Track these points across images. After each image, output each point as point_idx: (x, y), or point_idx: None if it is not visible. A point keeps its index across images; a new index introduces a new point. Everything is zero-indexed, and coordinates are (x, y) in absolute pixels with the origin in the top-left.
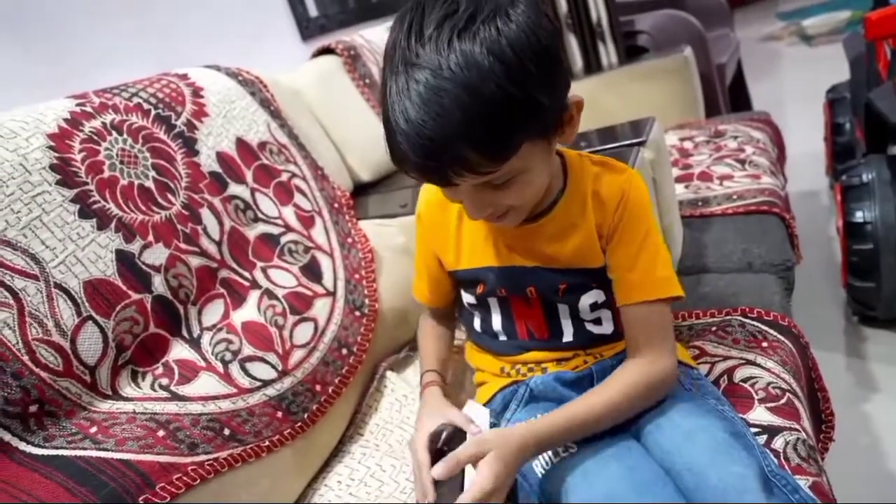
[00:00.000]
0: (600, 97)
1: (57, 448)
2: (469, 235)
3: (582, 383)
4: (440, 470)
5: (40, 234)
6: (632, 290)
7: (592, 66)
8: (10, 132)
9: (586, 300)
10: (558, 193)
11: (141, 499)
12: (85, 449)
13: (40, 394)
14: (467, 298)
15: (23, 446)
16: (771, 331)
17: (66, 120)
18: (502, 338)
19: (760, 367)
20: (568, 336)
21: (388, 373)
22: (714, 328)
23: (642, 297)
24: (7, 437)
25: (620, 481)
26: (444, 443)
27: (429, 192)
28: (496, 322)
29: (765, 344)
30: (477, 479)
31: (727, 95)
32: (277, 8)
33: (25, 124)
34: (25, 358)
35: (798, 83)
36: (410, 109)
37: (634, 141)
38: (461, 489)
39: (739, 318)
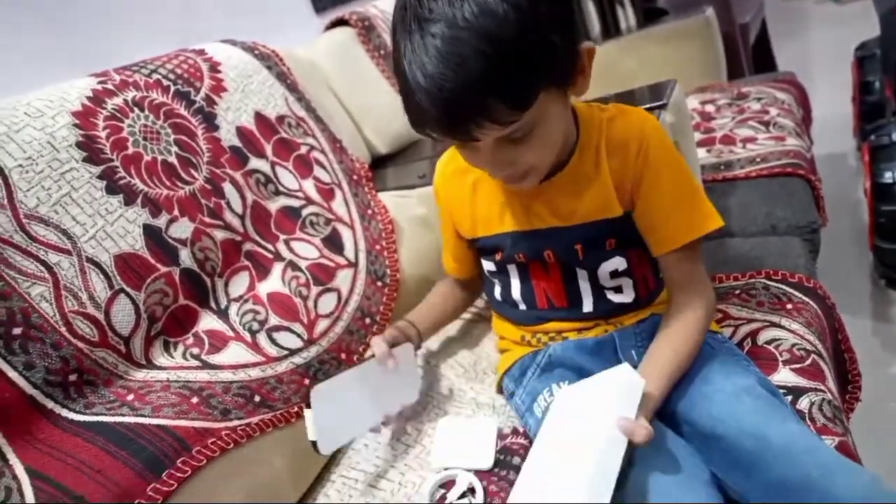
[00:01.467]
0: (619, 62)
1: (97, 415)
2: (483, 204)
3: (603, 350)
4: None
5: (70, 209)
6: (672, 237)
7: (610, 29)
8: (36, 111)
9: (606, 267)
10: (571, 149)
11: (179, 461)
12: (123, 415)
13: (79, 363)
14: (487, 266)
15: (65, 413)
16: (796, 293)
17: (88, 98)
18: (522, 307)
19: (785, 329)
20: (588, 306)
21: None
22: (738, 291)
23: (683, 241)
24: (50, 404)
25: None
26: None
27: (443, 165)
28: (515, 290)
29: (789, 306)
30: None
31: (751, 56)
32: None
33: (50, 102)
34: (63, 329)
35: (825, 42)
36: (428, 64)
37: (655, 104)
38: None
39: (763, 280)
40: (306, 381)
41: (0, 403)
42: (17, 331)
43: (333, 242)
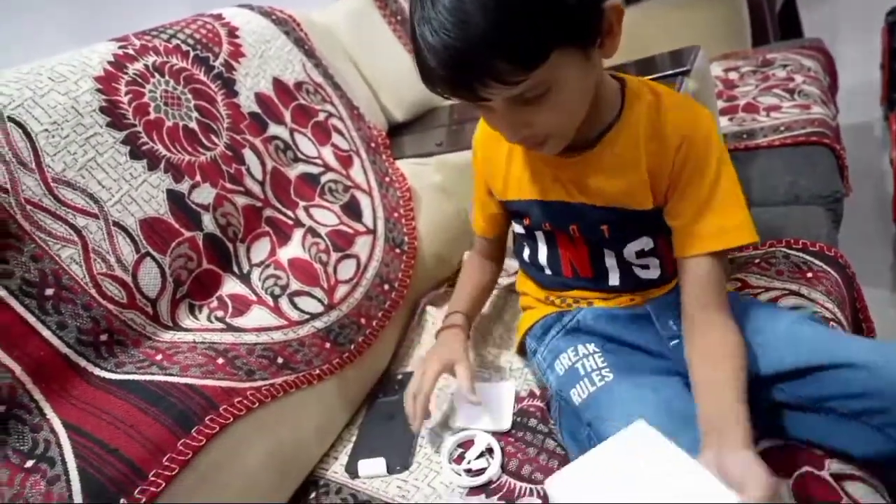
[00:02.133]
0: (640, 29)
1: (128, 373)
2: (517, 168)
3: (638, 322)
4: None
5: (96, 174)
6: (699, 241)
7: None
8: (60, 76)
9: (632, 247)
10: (612, 121)
11: (207, 419)
12: (153, 374)
13: (108, 324)
14: (517, 228)
15: (98, 371)
16: (816, 261)
17: (110, 63)
18: (548, 272)
19: (804, 298)
20: (614, 280)
21: (429, 308)
22: (757, 260)
23: (710, 247)
24: (83, 362)
25: (657, 410)
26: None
27: (484, 123)
28: (542, 255)
29: (809, 275)
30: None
31: (776, 22)
32: None
33: (73, 67)
34: (93, 291)
35: (854, 7)
36: (435, 21)
37: (678, 70)
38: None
39: (784, 249)
40: (327, 345)
41: (37, 361)
42: (49, 292)
43: (352, 209)
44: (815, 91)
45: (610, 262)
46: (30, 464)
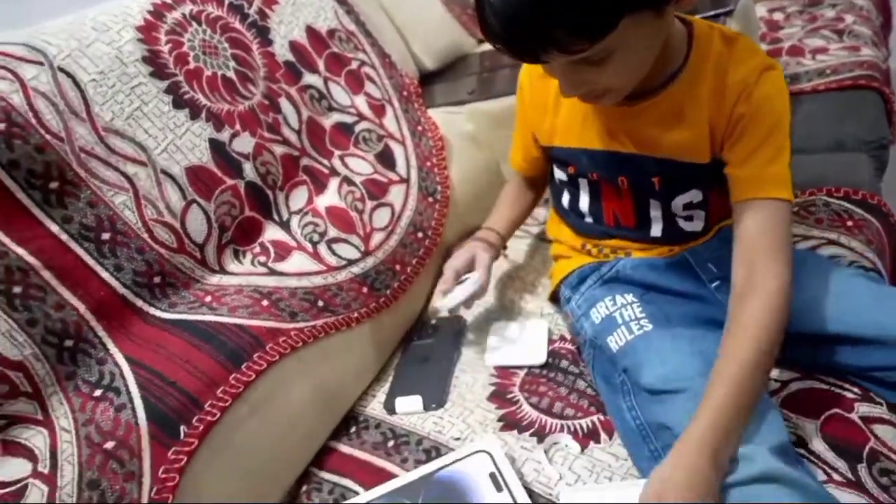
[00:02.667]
0: None
1: (180, 313)
2: (566, 113)
3: (677, 269)
4: None
5: (142, 123)
6: (762, 184)
7: None
8: (103, 25)
9: (681, 200)
10: (676, 70)
11: (255, 356)
12: (203, 314)
13: (161, 267)
14: (559, 175)
15: (153, 311)
16: (857, 209)
17: (149, 12)
18: (588, 219)
19: (843, 247)
20: (656, 231)
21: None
22: (796, 209)
23: (762, 193)
24: (139, 303)
25: (693, 360)
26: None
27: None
28: (584, 203)
29: (850, 223)
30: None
31: None
32: None
33: (115, 17)
34: (145, 236)
35: None
36: None
37: (720, 11)
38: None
39: (824, 197)
40: (364, 290)
41: (98, 301)
42: (105, 236)
43: (386, 159)
44: (866, 31)
45: (655, 213)
46: (98, 393)
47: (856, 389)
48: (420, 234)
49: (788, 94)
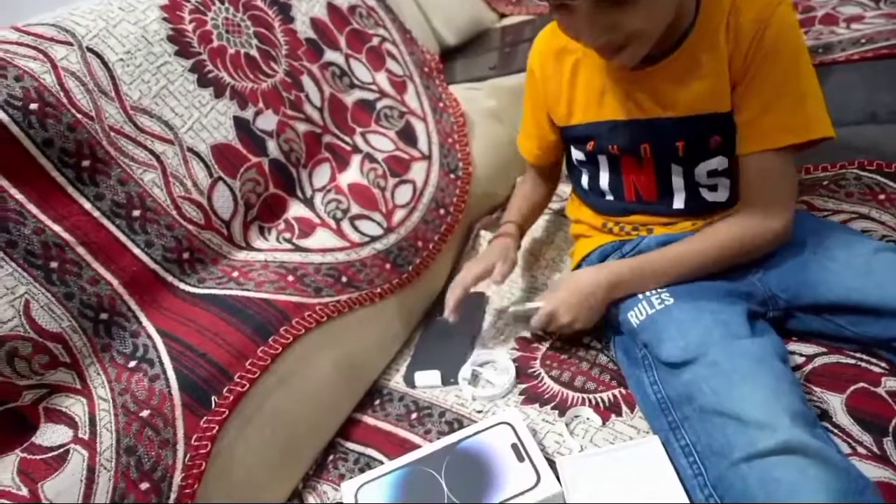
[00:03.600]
0: None
1: (209, 288)
2: (583, 89)
3: None
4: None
5: (169, 102)
6: (766, 134)
7: None
8: (129, 5)
9: (705, 166)
10: (687, 28)
11: (282, 329)
12: (231, 289)
13: (189, 243)
14: (577, 155)
15: (182, 286)
16: (890, 183)
17: None
18: (609, 197)
19: (874, 221)
20: (679, 202)
21: (483, 232)
22: (826, 182)
23: (778, 141)
24: (170, 277)
25: (714, 330)
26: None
27: (542, 43)
28: (604, 180)
29: (882, 196)
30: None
31: None
32: None
33: None
34: (174, 213)
35: None
36: None
37: None
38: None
39: (855, 170)
40: (387, 266)
41: (130, 275)
42: (136, 213)
43: (407, 135)
44: None
45: (677, 183)
46: (132, 364)
47: (883, 364)
48: (442, 211)
49: (799, 28)
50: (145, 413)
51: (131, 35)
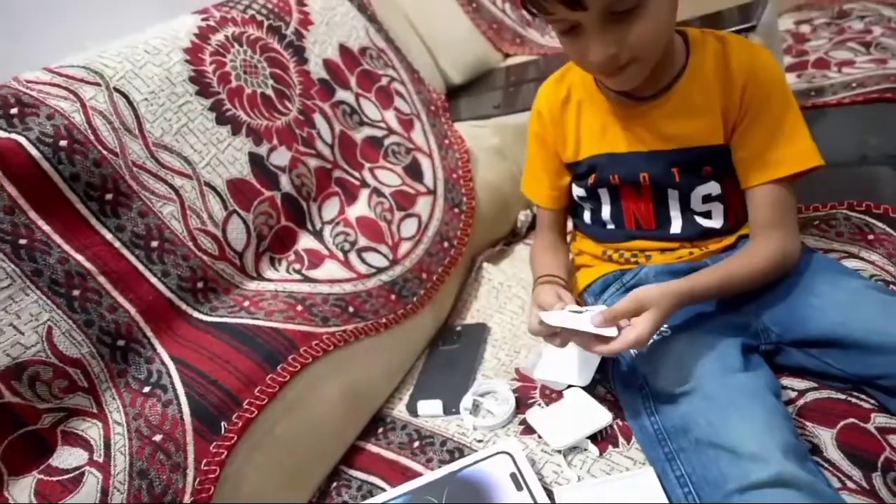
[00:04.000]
0: None
1: (221, 316)
2: (587, 126)
3: None
4: (598, 319)
5: (188, 139)
6: (766, 169)
7: None
8: (154, 48)
9: (700, 191)
10: (679, 71)
11: (290, 357)
12: (242, 318)
13: (203, 273)
14: (577, 192)
15: (196, 314)
16: (878, 223)
17: (196, 35)
18: (610, 226)
19: (863, 260)
20: (675, 228)
21: (485, 264)
22: (817, 222)
23: (776, 174)
24: (184, 306)
25: (710, 363)
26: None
27: (548, 90)
28: (605, 212)
29: (871, 237)
30: (638, 330)
31: None
32: None
33: (164, 40)
34: (190, 244)
35: None
36: None
37: (743, 26)
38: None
39: (845, 211)
40: (392, 297)
41: (147, 304)
42: (154, 244)
43: (414, 171)
44: (894, 44)
45: (674, 210)
46: (147, 389)
47: (872, 400)
48: (446, 244)
49: (783, 74)
50: (158, 437)
51: (156, 76)
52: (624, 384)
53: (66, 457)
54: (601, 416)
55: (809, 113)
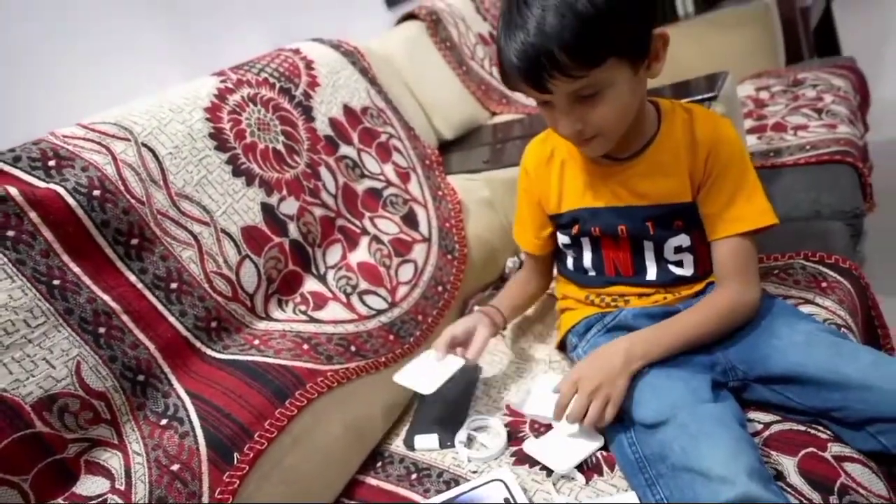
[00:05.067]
0: (675, 49)
1: (233, 354)
2: (570, 182)
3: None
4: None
5: (207, 189)
6: (728, 225)
7: (667, 15)
8: (177, 107)
9: (672, 242)
10: (651, 137)
11: (297, 393)
12: (252, 355)
13: (217, 313)
14: (562, 239)
15: (209, 351)
16: (830, 272)
17: (215, 95)
18: (591, 273)
19: (818, 306)
20: (651, 275)
21: (476, 307)
22: (776, 271)
23: (737, 229)
24: (199, 344)
25: (684, 395)
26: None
27: (534, 149)
28: (587, 259)
29: (824, 284)
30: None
31: (811, 40)
32: None
33: (186, 100)
34: (206, 286)
35: None
36: (518, 20)
37: (706, 96)
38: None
39: (801, 261)
40: (391, 337)
41: (165, 341)
42: (174, 285)
43: (410, 220)
44: (843, 110)
45: (649, 259)
46: (164, 422)
47: (829, 431)
48: (440, 288)
49: (743, 144)
50: (175, 467)
51: (179, 133)
52: None
53: (90, 485)
54: (594, 439)
55: (769, 172)
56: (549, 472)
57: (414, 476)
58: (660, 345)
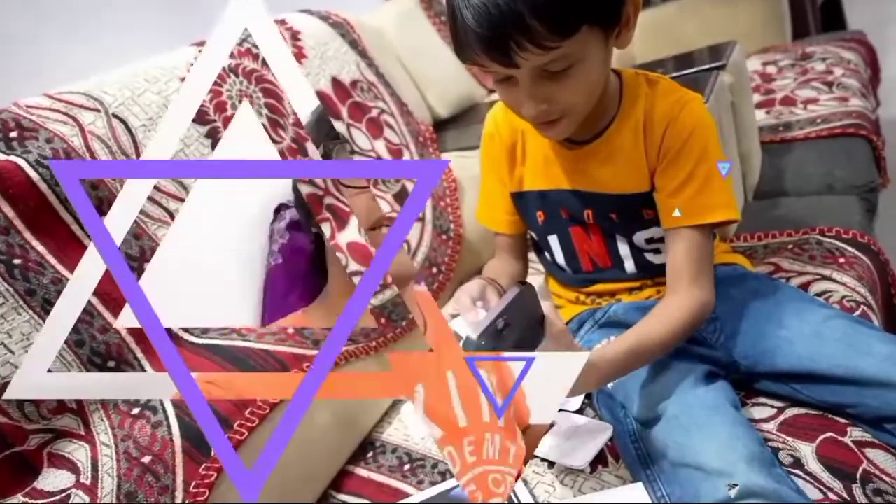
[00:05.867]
0: (679, 24)
1: (212, 339)
2: (531, 160)
3: None
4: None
5: None
6: (684, 213)
7: None
8: (153, 77)
9: (642, 235)
10: (612, 116)
11: None
12: (233, 340)
13: None
14: (532, 232)
15: (187, 336)
16: (849, 248)
17: (193, 65)
18: (568, 271)
19: (835, 282)
20: (630, 267)
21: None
22: (791, 246)
23: (690, 221)
24: (175, 328)
25: (672, 385)
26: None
27: (500, 113)
28: (559, 257)
29: (841, 260)
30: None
31: (818, 15)
32: None
33: (163, 70)
34: None
35: None
36: None
37: (713, 65)
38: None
39: (817, 236)
40: (382, 320)
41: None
42: (147, 266)
43: (403, 198)
44: (855, 84)
45: (623, 249)
46: (136, 411)
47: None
48: (434, 270)
49: (712, 121)
50: (146, 459)
51: (153, 104)
52: (608, 410)
53: (52, 479)
54: (604, 428)
55: (778, 146)
56: (552, 464)
57: (407, 467)
58: (619, 371)
